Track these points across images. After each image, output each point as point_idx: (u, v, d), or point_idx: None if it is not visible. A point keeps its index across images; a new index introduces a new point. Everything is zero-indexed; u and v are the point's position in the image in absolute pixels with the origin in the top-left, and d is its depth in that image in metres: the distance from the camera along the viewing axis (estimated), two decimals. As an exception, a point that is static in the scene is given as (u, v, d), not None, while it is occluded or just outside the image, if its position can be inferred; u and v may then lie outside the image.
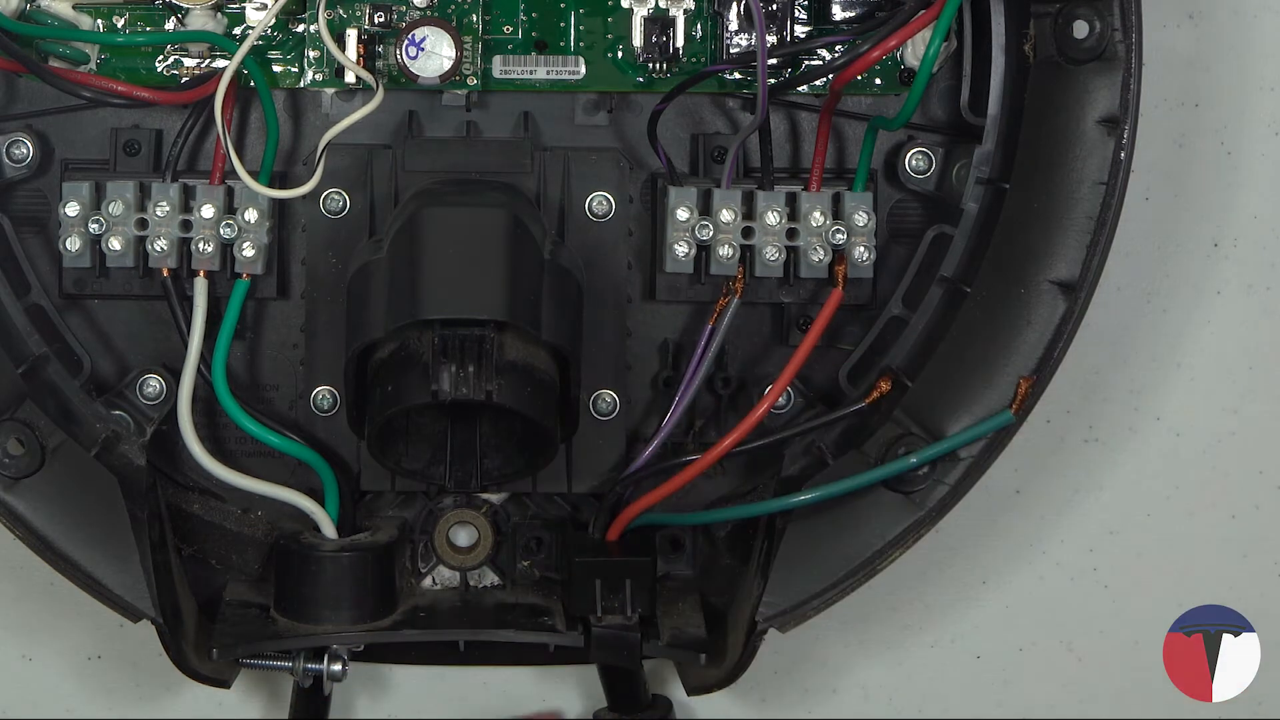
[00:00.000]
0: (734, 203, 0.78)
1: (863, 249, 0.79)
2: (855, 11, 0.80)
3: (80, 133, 0.81)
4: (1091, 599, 0.87)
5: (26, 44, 0.79)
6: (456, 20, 0.80)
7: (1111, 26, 0.74)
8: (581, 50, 0.81)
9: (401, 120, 0.81)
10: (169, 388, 0.81)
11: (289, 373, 0.82)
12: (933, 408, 0.77)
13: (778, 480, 0.79)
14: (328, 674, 0.78)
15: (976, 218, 0.79)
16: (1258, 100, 0.85)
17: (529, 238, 0.76)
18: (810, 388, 0.82)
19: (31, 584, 0.84)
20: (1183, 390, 0.86)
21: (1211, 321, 0.86)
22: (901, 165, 0.82)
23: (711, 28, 0.81)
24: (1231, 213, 0.85)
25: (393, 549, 0.79)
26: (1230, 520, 0.87)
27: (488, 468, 0.79)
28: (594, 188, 0.81)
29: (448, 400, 0.74)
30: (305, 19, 0.81)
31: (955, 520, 0.79)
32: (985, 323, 0.76)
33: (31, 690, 0.86)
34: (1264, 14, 0.84)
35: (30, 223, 0.81)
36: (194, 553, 0.81)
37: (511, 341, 0.76)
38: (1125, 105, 0.75)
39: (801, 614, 0.76)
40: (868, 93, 0.82)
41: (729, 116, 0.83)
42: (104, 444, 0.78)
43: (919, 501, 0.76)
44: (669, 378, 0.82)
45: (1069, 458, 0.86)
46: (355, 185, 0.81)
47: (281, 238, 0.81)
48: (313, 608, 0.77)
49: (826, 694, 0.87)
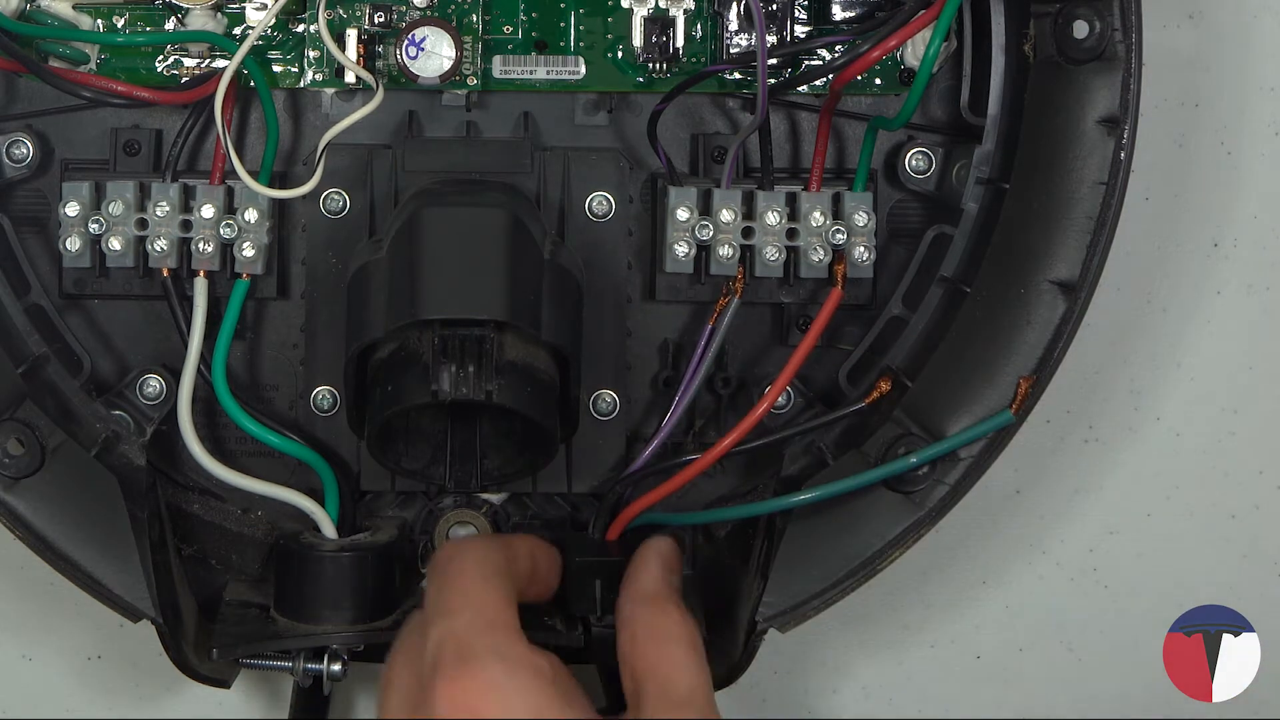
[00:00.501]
0: (734, 203, 0.78)
1: (863, 249, 0.79)
2: (855, 11, 0.80)
3: (80, 133, 0.81)
4: (1091, 599, 0.87)
5: (26, 44, 0.79)
6: (456, 20, 0.80)
7: (1111, 26, 0.74)
8: (581, 50, 0.81)
9: (401, 120, 0.82)
10: (169, 388, 0.81)
11: (289, 373, 0.82)
12: (933, 408, 0.77)
13: (778, 480, 0.79)
14: (328, 674, 0.78)
15: (976, 218, 0.79)
16: (1258, 100, 0.85)
17: (529, 238, 0.76)
18: (810, 388, 0.82)
19: (31, 584, 0.84)
20: (1183, 390, 0.86)
21: (1211, 321, 0.86)
22: (901, 165, 0.82)
23: (711, 28, 0.81)
24: (1231, 213, 0.85)
25: (393, 549, 0.79)
26: (1230, 520, 0.87)
27: (488, 468, 0.79)
28: (594, 188, 0.81)
29: (448, 400, 0.74)
30: (305, 19, 0.81)
31: (955, 520, 0.78)
32: (985, 323, 0.76)
33: (31, 690, 0.86)
34: (1264, 14, 0.84)
35: (30, 223, 0.81)
36: (194, 553, 0.81)
37: (511, 341, 0.76)
38: (1125, 105, 0.75)
39: (801, 614, 0.76)
40: (868, 93, 0.82)
41: (729, 116, 0.83)
42: (104, 444, 0.78)
43: (919, 501, 0.76)
44: (669, 378, 0.82)
45: (1069, 458, 0.86)
46: (355, 185, 0.81)
47: (281, 238, 0.81)
48: (313, 608, 0.77)
49: (826, 694, 0.87)
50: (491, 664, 0.67)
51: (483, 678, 0.67)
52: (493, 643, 0.68)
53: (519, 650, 0.68)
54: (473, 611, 0.69)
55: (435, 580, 0.72)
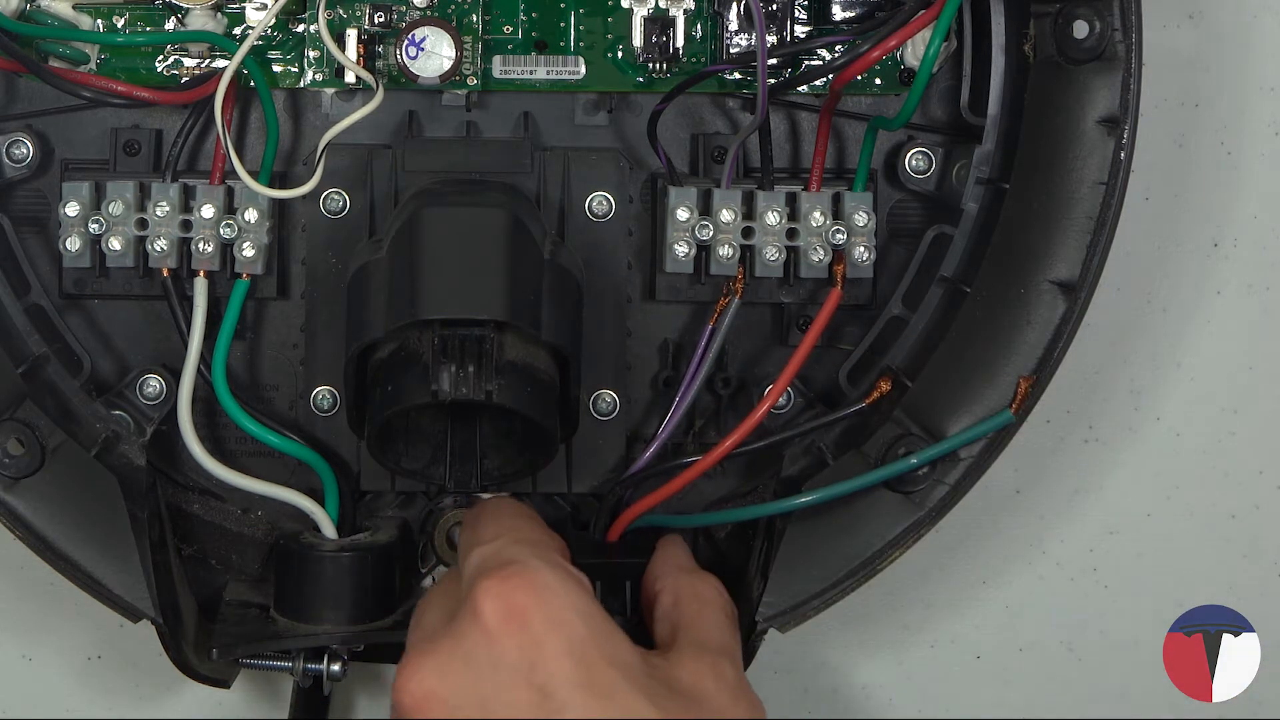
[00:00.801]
0: (734, 203, 0.78)
1: (863, 249, 0.79)
2: (855, 11, 0.80)
3: (80, 133, 0.81)
4: (1091, 599, 0.87)
5: (26, 44, 0.79)
6: (456, 20, 0.80)
7: (1111, 26, 0.74)
8: (581, 50, 0.81)
9: (401, 120, 0.81)
10: (169, 388, 0.81)
11: (289, 373, 0.82)
12: (933, 408, 0.77)
13: (778, 480, 0.79)
14: (327, 674, 0.78)
15: (976, 218, 0.79)
16: (1258, 100, 0.85)
17: (529, 238, 0.76)
18: (810, 388, 0.82)
19: (31, 584, 0.84)
20: (1183, 390, 0.86)
21: (1211, 321, 0.86)
22: (901, 165, 0.82)
23: (711, 28, 0.81)
24: (1231, 213, 0.85)
25: (392, 549, 0.79)
26: (1230, 520, 0.87)
27: (488, 468, 0.79)
28: (594, 188, 0.81)
29: (447, 400, 0.74)
30: (305, 19, 0.81)
31: (955, 520, 0.78)
32: (985, 323, 0.76)
33: (31, 690, 0.86)
34: (1264, 14, 0.84)
35: (30, 223, 0.81)
36: (194, 553, 0.81)
37: (511, 341, 0.76)
38: (1125, 105, 0.75)
39: (801, 614, 0.76)
40: (868, 93, 0.82)
41: (729, 116, 0.83)
42: (104, 444, 0.78)
43: (919, 502, 0.76)
44: (669, 378, 0.82)
45: (1069, 458, 0.86)
46: (355, 185, 0.81)
47: (281, 238, 0.81)
48: (312, 608, 0.77)
49: (826, 694, 0.87)
50: (540, 567, 0.66)
51: (531, 577, 0.65)
52: (537, 553, 0.67)
53: (564, 562, 0.67)
54: (514, 534, 0.69)
55: (467, 527, 0.72)
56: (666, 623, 0.72)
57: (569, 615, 0.65)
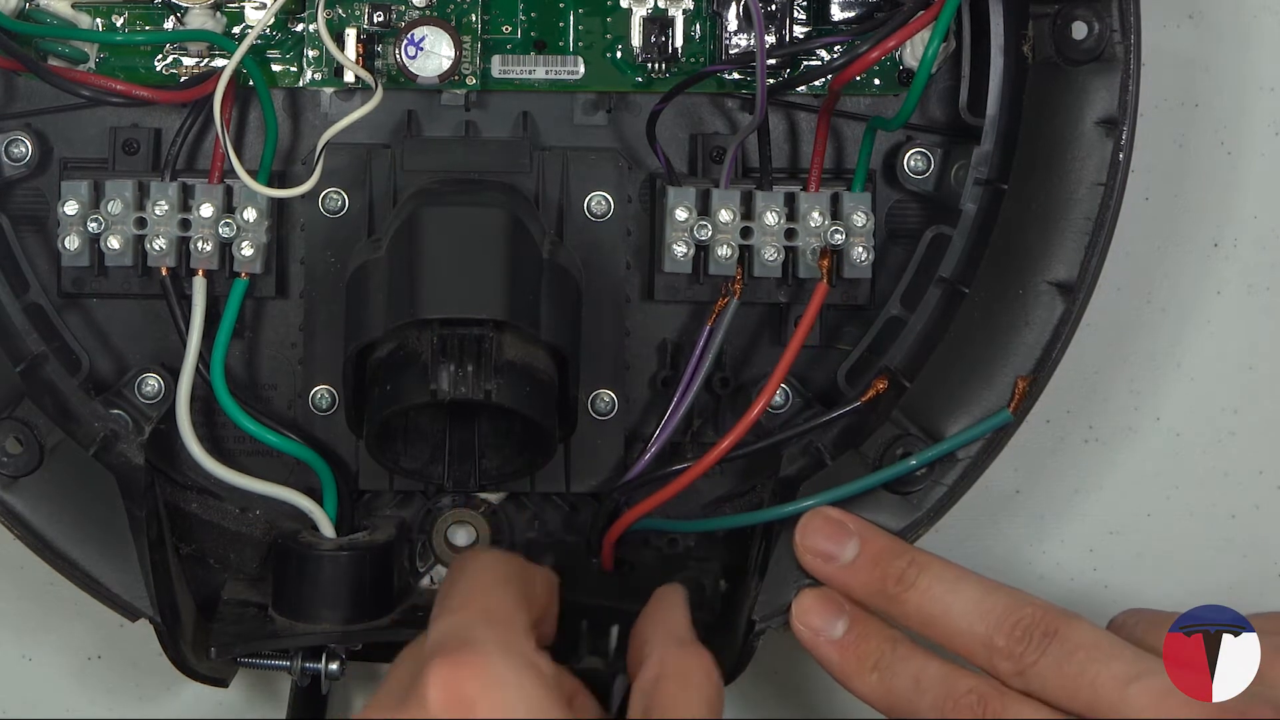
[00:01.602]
0: (733, 203, 0.78)
1: (861, 249, 0.79)
2: (854, 12, 0.80)
3: (79, 131, 0.81)
4: (1091, 599, 0.87)
5: (25, 43, 0.79)
6: (456, 20, 0.80)
7: (1110, 27, 0.74)
8: (580, 50, 0.81)
9: (400, 120, 0.82)
10: (167, 387, 0.81)
11: (287, 372, 0.82)
12: (931, 408, 0.76)
13: (776, 480, 0.79)
14: (325, 673, 0.78)
15: (975, 218, 0.79)
16: (1258, 100, 0.85)
17: (528, 237, 0.76)
18: (809, 388, 0.82)
19: (31, 584, 0.84)
20: (1183, 390, 0.86)
21: (1211, 321, 0.86)
22: (900, 166, 0.81)
23: (710, 28, 0.81)
24: (1231, 213, 0.85)
25: (391, 548, 0.79)
26: (1230, 520, 0.87)
27: (486, 467, 0.79)
28: (593, 188, 0.81)
29: (446, 400, 0.74)
30: (304, 18, 0.81)
31: (955, 520, 0.78)
32: (984, 323, 0.76)
33: (31, 690, 0.86)
34: (1264, 14, 0.84)
35: (29, 221, 0.81)
36: (192, 552, 0.81)
37: (510, 341, 0.76)
38: (1124, 106, 0.74)
39: (801, 614, 0.76)
40: (866, 93, 0.82)
41: (728, 116, 0.83)
42: (102, 443, 0.78)
43: (917, 502, 0.76)
44: (668, 377, 0.82)
45: (1069, 458, 0.86)
46: (354, 185, 0.81)
47: (280, 237, 0.81)
48: (311, 607, 0.77)
49: (827, 694, 0.87)
50: (495, 656, 0.63)
51: (483, 667, 0.62)
52: (498, 636, 0.64)
53: (526, 648, 0.64)
54: (480, 609, 0.66)
55: (445, 585, 0.70)
56: (642, 698, 0.67)
57: (518, 711, 0.62)
